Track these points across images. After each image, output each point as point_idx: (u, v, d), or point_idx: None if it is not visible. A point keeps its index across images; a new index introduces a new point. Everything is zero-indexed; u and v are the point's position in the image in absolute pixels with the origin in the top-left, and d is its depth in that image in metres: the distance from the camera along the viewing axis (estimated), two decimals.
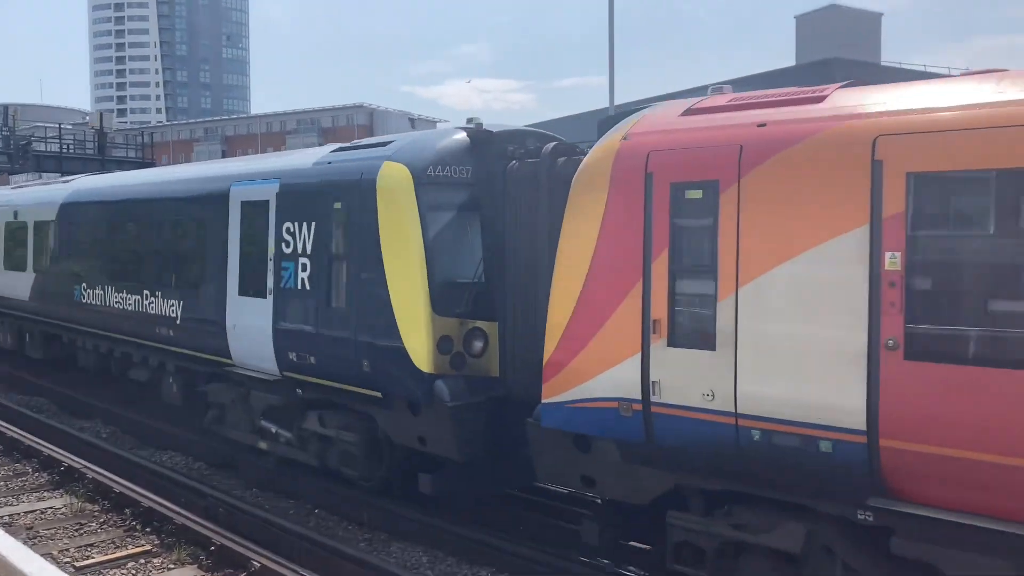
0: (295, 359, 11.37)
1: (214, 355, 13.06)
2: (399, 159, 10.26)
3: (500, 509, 11.06)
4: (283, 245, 11.63)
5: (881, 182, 6.41)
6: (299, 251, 11.36)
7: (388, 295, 10.05)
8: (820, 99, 7.17)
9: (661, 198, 7.61)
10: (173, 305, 14.08)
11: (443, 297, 9.80)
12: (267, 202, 11.98)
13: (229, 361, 12.76)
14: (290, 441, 12.00)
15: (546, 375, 8.51)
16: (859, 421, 6.49)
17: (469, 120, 10.65)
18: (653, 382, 7.60)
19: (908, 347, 6.30)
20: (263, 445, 12.54)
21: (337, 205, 10.80)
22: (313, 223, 11.15)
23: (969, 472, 6.07)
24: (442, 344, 9.78)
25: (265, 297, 11.89)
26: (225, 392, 13.16)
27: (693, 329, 7.43)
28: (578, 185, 8.28)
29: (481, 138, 10.28)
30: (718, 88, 8.57)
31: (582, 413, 8.21)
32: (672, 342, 7.52)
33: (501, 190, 10.06)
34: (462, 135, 10.35)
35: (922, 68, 54.80)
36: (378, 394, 10.41)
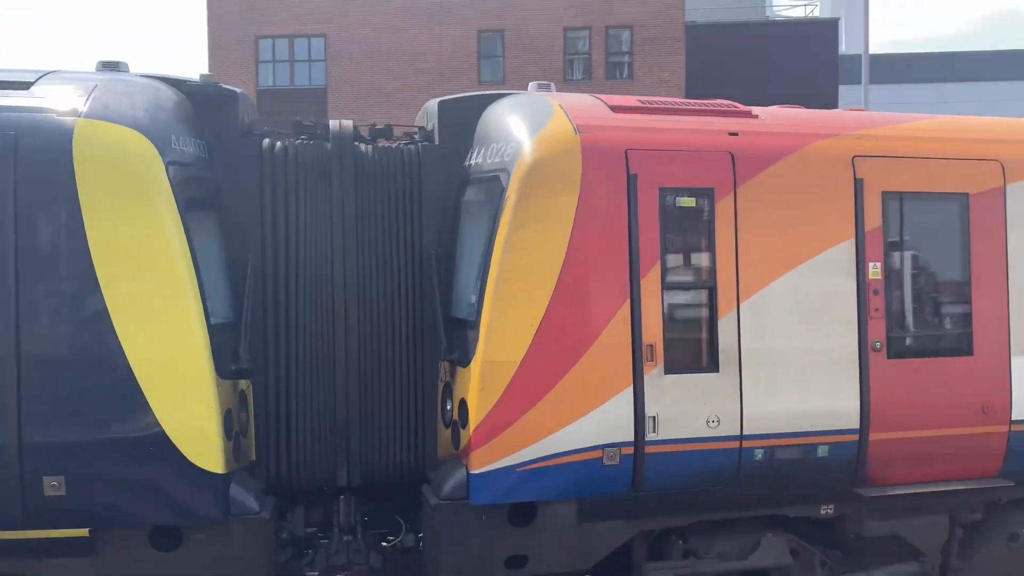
0: None
1: None
2: (114, 118, 5.94)
3: None
4: None
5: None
6: None
7: (119, 346, 5.75)
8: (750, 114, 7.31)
9: (649, 204, 6.57)
10: None
11: (217, 348, 6.14)
12: None
13: None
14: None
15: (479, 437, 6.33)
16: (853, 421, 6.98)
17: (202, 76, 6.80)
18: (650, 417, 6.51)
19: (890, 347, 7.09)
20: None
21: None
22: None
23: (925, 447, 7.22)
24: (226, 423, 6.13)
25: None
26: None
27: (695, 350, 6.67)
28: (530, 185, 6.39)
29: (223, 99, 6.75)
30: (546, 85, 7.69)
31: (540, 476, 6.41)
32: (673, 368, 6.58)
33: (256, 183, 6.81)
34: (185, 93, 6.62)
35: None
36: (85, 532, 5.85)
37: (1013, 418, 7.34)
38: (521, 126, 6.66)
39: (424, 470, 7.11)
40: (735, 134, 6.92)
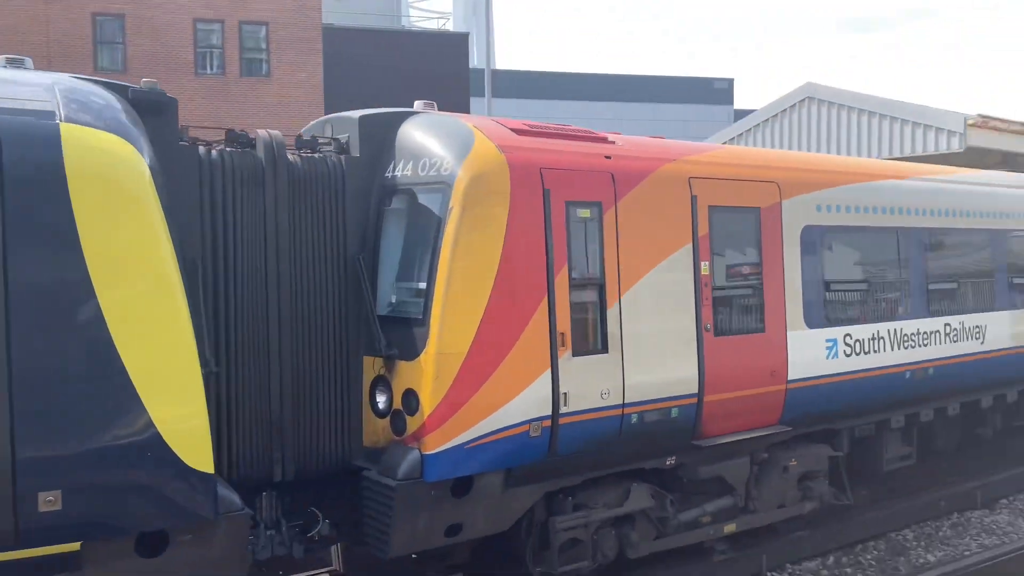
0: None
1: None
2: (97, 124, 5.84)
3: None
4: None
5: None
6: None
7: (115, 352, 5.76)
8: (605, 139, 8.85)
9: (558, 215, 7.81)
10: None
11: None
12: None
13: None
14: None
15: (433, 421, 7.18)
16: (693, 387, 8.82)
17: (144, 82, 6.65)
18: (563, 393, 7.79)
19: (716, 328, 9.04)
20: None
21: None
22: None
23: (737, 405, 9.28)
24: None
25: None
26: None
27: (591, 335, 8.03)
28: (473, 197, 7.32)
29: (165, 106, 6.78)
30: (430, 104, 8.68)
31: (481, 451, 7.41)
32: (577, 352, 7.90)
33: (195, 188, 6.98)
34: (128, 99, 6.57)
35: None
36: (76, 546, 5.72)
37: (788, 379, 9.67)
38: (452, 144, 7.56)
39: (349, 460, 7.71)
40: (609, 157, 8.40)
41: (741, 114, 58.22)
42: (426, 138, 7.75)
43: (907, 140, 19.78)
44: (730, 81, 76.35)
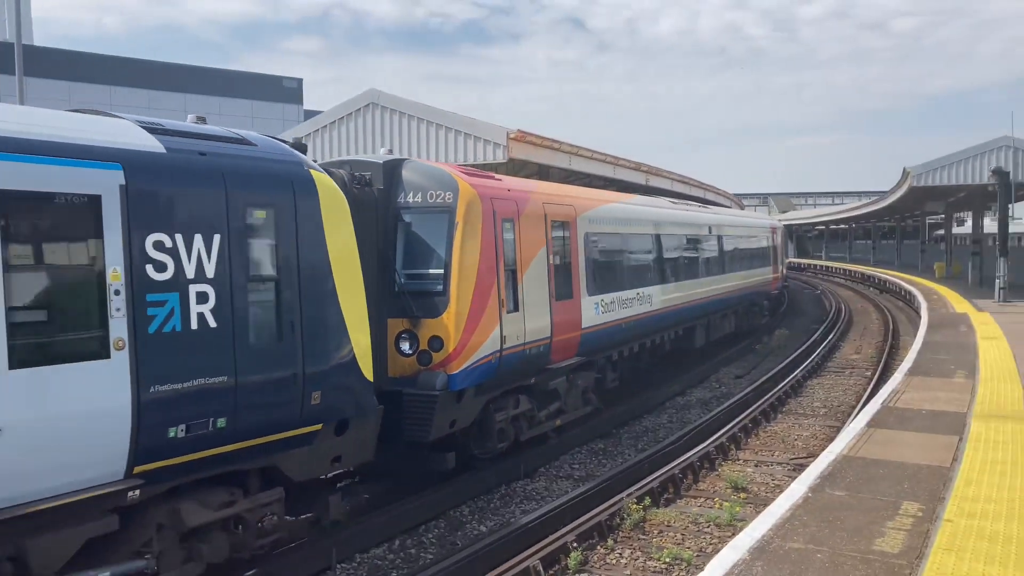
0: None
1: None
2: (317, 169, 9.62)
3: None
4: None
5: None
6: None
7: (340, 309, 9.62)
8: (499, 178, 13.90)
9: (498, 226, 12.74)
10: None
11: None
12: None
13: None
14: None
15: (454, 354, 11.80)
16: (548, 332, 14.26)
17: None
18: (504, 336, 12.77)
19: (556, 295, 14.57)
20: None
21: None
22: None
23: (567, 344, 14.91)
24: None
25: None
26: None
27: (512, 300, 13.07)
28: (468, 216, 11.97)
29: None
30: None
31: (472, 372, 12.13)
32: (510, 309, 12.92)
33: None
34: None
35: None
36: (319, 427, 9.43)
37: (582, 327, 15.54)
38: (447, 185, 12.14)
39: (379, 386, 11.92)
40: (510, 190, 13.46)
41: (311, 114, 60.50)
42: (427, 180, 12.24)
43: (460, 149, 21.10)
44: (299, 81, 78.60)
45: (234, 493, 8.61)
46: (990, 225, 51.31)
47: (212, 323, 7.96)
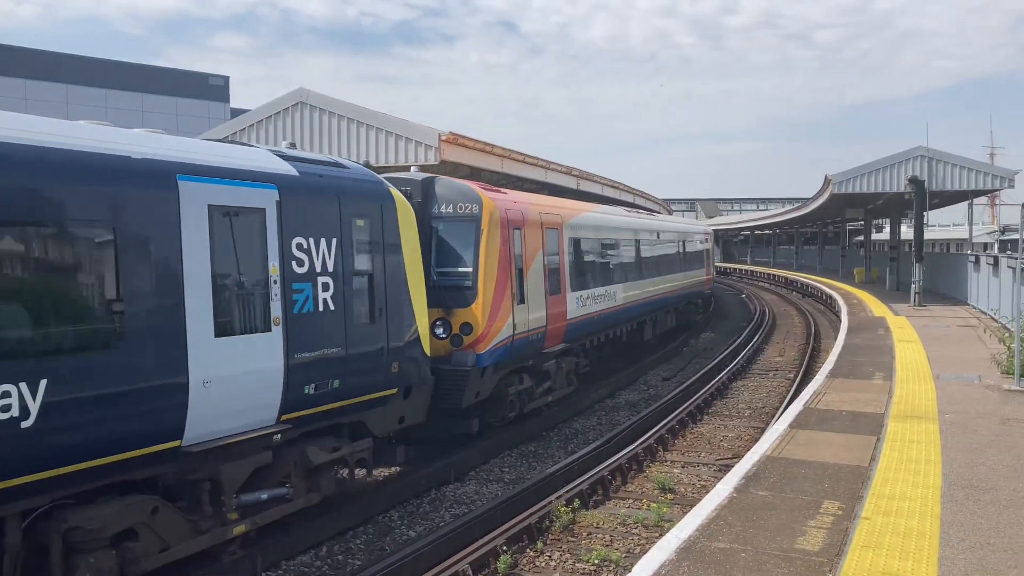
0: None
1: None
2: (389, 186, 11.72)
3: None
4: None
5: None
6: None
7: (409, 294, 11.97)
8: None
9: (511, 233, 14.01)
10: None
11: None
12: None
13: None
14: None
15: (481, 337, 13.49)
16: (544, 321, 15.45)
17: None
18: (516, 323, 14.04)
19: (549, 291, 15.13)
20: None
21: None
22: None
23: (554, 331, 15.56)
24: None
25: None
26: None
27: (520, 294, 14.30)
28: (490, 224, 13.50)
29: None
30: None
31: (493, 353, 13.79)
32: (519, 302, 14.13)
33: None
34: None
35: None
36: (395, 391, 11.81)
37: (568, 318, 16.75)
38: (473, 199, 13.61)
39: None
40: (516, 202, 14.67)
41: (237, 112, 59.35)
42: (456, 194, 14.29)
43: (391, 150, 20.84)
44: (226, 79, 76.69)
45: (340, 441, 10.72)
46: (907, 232, 53.24)
47: (332, 307, 10.21)
